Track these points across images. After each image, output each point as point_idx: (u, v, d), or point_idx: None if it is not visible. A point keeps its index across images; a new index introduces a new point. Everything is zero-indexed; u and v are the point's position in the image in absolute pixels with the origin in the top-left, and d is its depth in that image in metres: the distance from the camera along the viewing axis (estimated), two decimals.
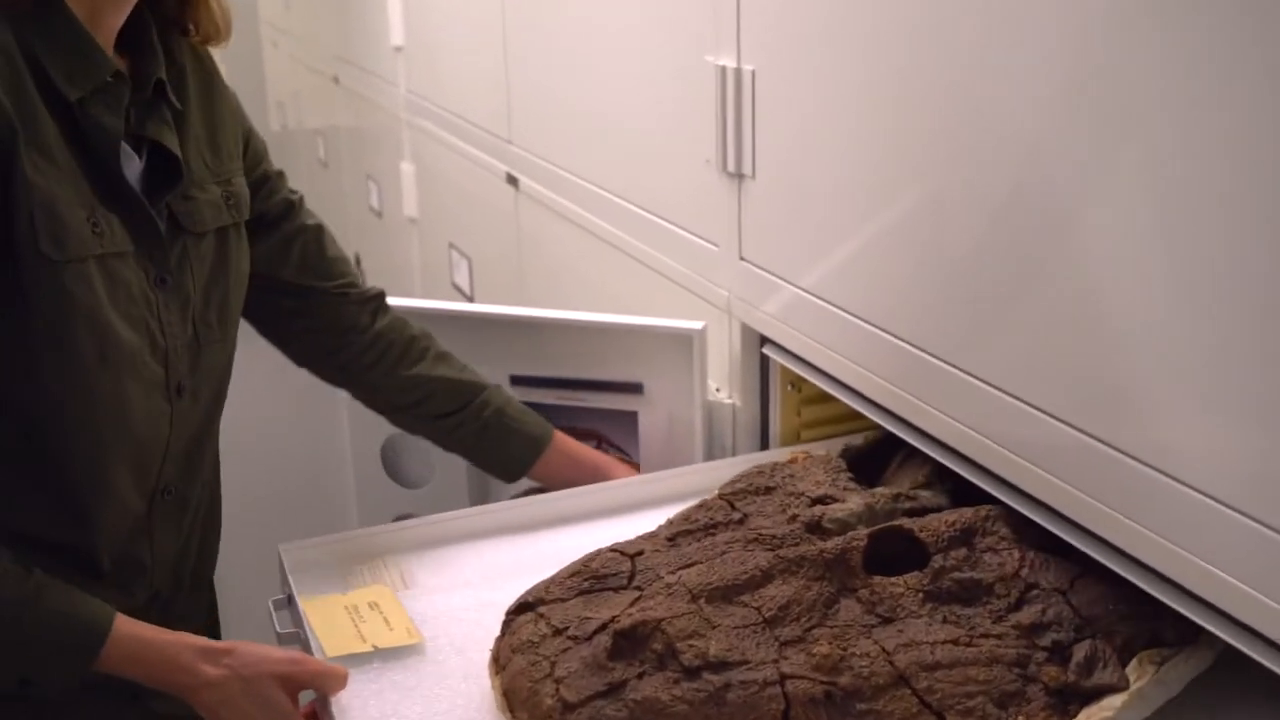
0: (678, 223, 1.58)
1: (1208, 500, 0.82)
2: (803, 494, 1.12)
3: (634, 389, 1.50)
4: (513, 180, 2.21)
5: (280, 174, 1.32)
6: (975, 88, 1.00)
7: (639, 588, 1.00)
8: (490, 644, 1.02)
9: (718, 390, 1.49)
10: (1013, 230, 0.98)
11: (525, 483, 1.48)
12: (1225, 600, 0.82)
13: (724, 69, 1.36)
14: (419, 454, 1.62)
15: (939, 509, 1.10)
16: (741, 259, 1.41)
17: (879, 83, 1.13)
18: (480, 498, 1.57)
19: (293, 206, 1.31)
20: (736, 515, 1.11)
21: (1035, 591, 0.97)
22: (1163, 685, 0.91)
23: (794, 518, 1.07)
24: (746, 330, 1.44)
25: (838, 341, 1.24)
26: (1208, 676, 0.95)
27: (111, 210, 1.04)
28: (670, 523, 1.12)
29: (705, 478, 1.33)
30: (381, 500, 1.66)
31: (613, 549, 1.06)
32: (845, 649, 0.92)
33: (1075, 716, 0.89)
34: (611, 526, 1.22)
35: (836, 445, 1.28)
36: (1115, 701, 0.88)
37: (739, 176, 1.38)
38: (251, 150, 1.26)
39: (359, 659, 1.05)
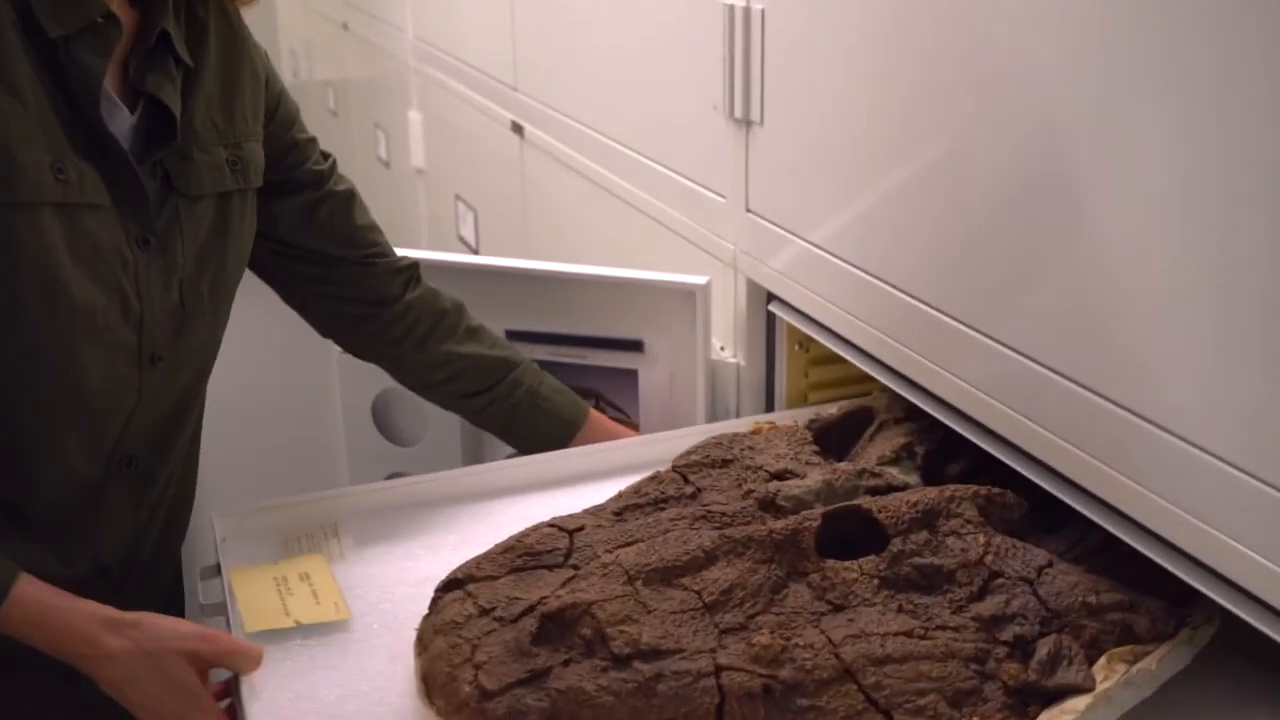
0: (683, 172, 1.51)
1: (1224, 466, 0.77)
2: (761, 468, 1.05)
3: (634, 346, 1.44)
4: (518, 129, 2.16)
5: (312, 141, 1.25)
6: (997, 30, 0.93)
7: (575, 566, 0.93)
8: None
9: (722, 349, 1.43)
10: (1034, 183, 0.92)
11: None
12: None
13: (732, 8, 1.29)
14: (412, 410, 1.56)
15: (905, 488, 1.03)
16: (748, 211, 1.34)
17: (896, 24, 1.05)
18: (474, 456, 1.52)
19: (322, 175, 1.25)
20: (689, 489, 1.04)
21: (1000, 580, 0.89)
22: (1132, 687, 0.83)
23: (748, 493, 1.00)
24: (752, 286, 1.37)
25: (848, 299, 1.17)
26: (1184, 680, 0.88)
27: (88, 160, 0.97)
28: (620, 496, 1.05)
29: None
30: (373, 458, 1.60)
31: (551, 523, 0.99)
32: (788, 639, 0.85)
33: (1035, 719, 0.82)
34: (595, 491, 1.15)
35: (807, 415, 1.20)
36: (1079, 704, 0.80)
37: (747, 123, 1.31)
38: (281, 115, 1.20)
39: (280, 635, 0.99)
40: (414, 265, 1.33)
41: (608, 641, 0.85)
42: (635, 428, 1.44)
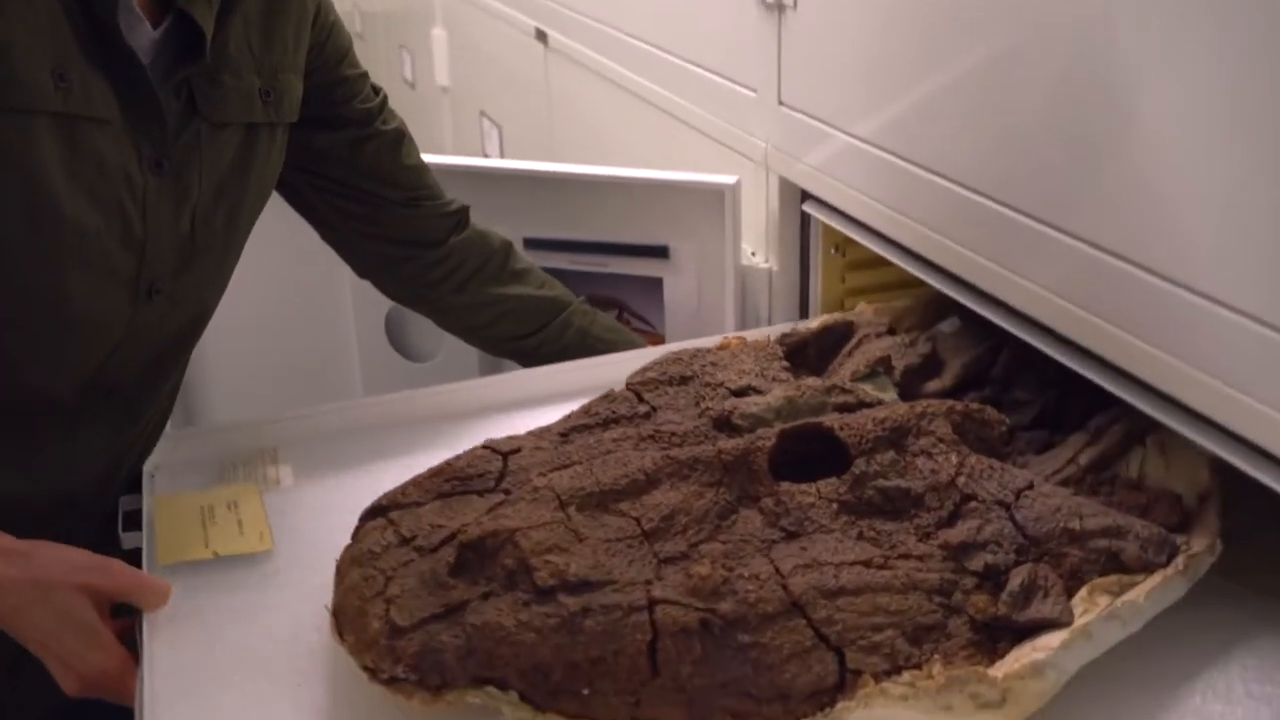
0: (711, 67, 1.42)
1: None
2: (722, 384, 0.96)
3: (659, 253, 1.37)
4: (542, 36, 2.10)
5: (363, 76, 1.18)
6: None
7: (506, 491, 0.85)
8: None
9: (752, 254, 1.34)
10: (1093, 64, 0.83)
11: None
12: None
13: None
14: (426, 326, 1.49)
15: (878, 404, 0.93)
16: (781, 104, 1.25)
17: None
18: (492, 372, 1.45)
19: (370, 112, 1.18)
20: (643, 409, 0.95)
21: (973, 504, 0.80)
22: (1116, 621, 0.74)
23: (704, 412, 0.91)
24: (785, 185, 1.28)
25: (894, 195, 1.08)
26: (1178, 614, 0.79)
27: (99, 71, 0.90)
28: (569, 416, 0.96)
29: None
30: (386, 374, 1.55)
31: (486, 445, 0.90)
32: (731, 569, 0.76)
33: (1003, 657, 0.73)
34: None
35: (781, 330, 1.11)
36: (1053, 640, 0.71)
37: (779, 7, 1.22)
38: (331, 49, 1.13)
39: (196, 568, 0.91)
40: (463, 210, 1.26)
41: (531, 572, 0.76)
42: (660, 339, 1.35)
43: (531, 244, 1.36)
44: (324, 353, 1.59)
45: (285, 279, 1.54)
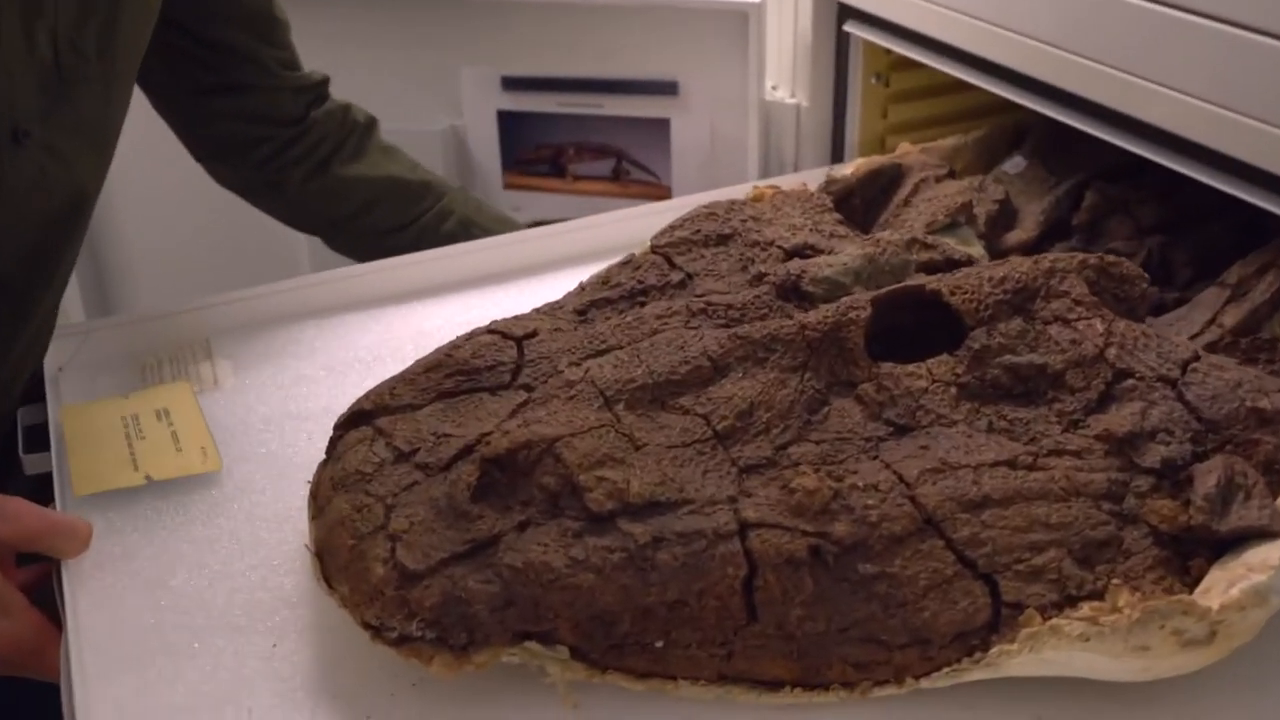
0: None
1: None
2: (773, 244, 0.77)
3: (666, 89, 1.19)
4: None
5: None
6: None
7: (528, 387, 0.66)
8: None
9: (775, 89, 1.14)
10: None
11: (527, 215, 1.16)
12: None
13: None
14: None
15: (969, 263, 0.76)
16: None
17: None
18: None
19: None
20: (677, 276, 0.76)
21: (1129, 382, 0.63)
22: None
23: (759, 278, 0.73)
24: (821, 2, 1.07)
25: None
26: None
27: None
28: (582, 288, 0.78)
29: None
30: None
31: (492, 329, 0.71)
32: (840, 479, 0.59)
33: (1197, 578, 0.57)
34: (554, 287, 0.87)
35: (817, 177, 0.92)
36: (1271, 555, 0.55)
37: None
38: None
39: (125, 498, 0.72)
40: (324, 82, 1.06)
41: (581, 494, 0.58)
42: (666, 192, 1.16)
43: (511, 84, 1.17)
44: (263, 223, 1.37)
45: None
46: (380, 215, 1.08)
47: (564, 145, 1.26)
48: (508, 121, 1.26)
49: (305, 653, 0.62)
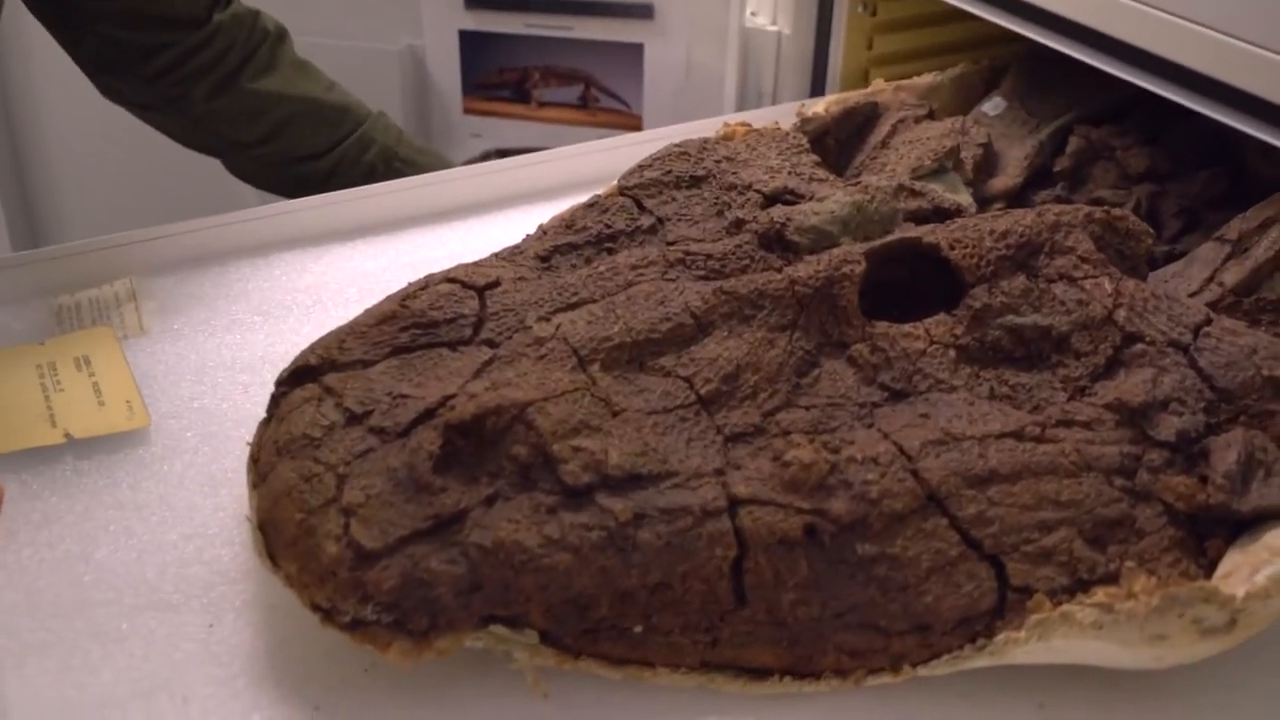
0: None
1: None
2: (750, 187, 0.72)
3: (641, 12, 1.13)
4: None
5: None
6: None
7: (491, 343, 0.61)
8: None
9: (755, 15, 1.08)
10: None
11: (488, 142, 1.08)
12: None
13: None
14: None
15: (959, 212, 0.71)
16: None
17: None
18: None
19: None
20: (647, 220, 0.71)
21: (1139, 346, 0.59)
22: None
23: (738, 224, 0.68)
24: None
25: None
26: None
27: None
28: (543, 232, 0.72)
29: None
30: None
31: (449, 276, 0.65)
32: (837, 451, 0.54)
33: (1214, 560, 0.54)
34: (510, 228, 0.82)
35: (788, 114, 0.87)
36: None
37: None
38: None
39: (41, 458, 0.65)
40: None
41: (555, 465, 0.53)
42: (637, 122, 1.10)
43: (475, 1, 1.09)
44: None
45: None
46: (292, 140, 1.00)
47: (529, 69, 1.20)
48: (470, 42, 1.19)
49: (245, 634, 0.57)
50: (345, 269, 0.83)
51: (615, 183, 0.74)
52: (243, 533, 0.60)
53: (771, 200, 0.71)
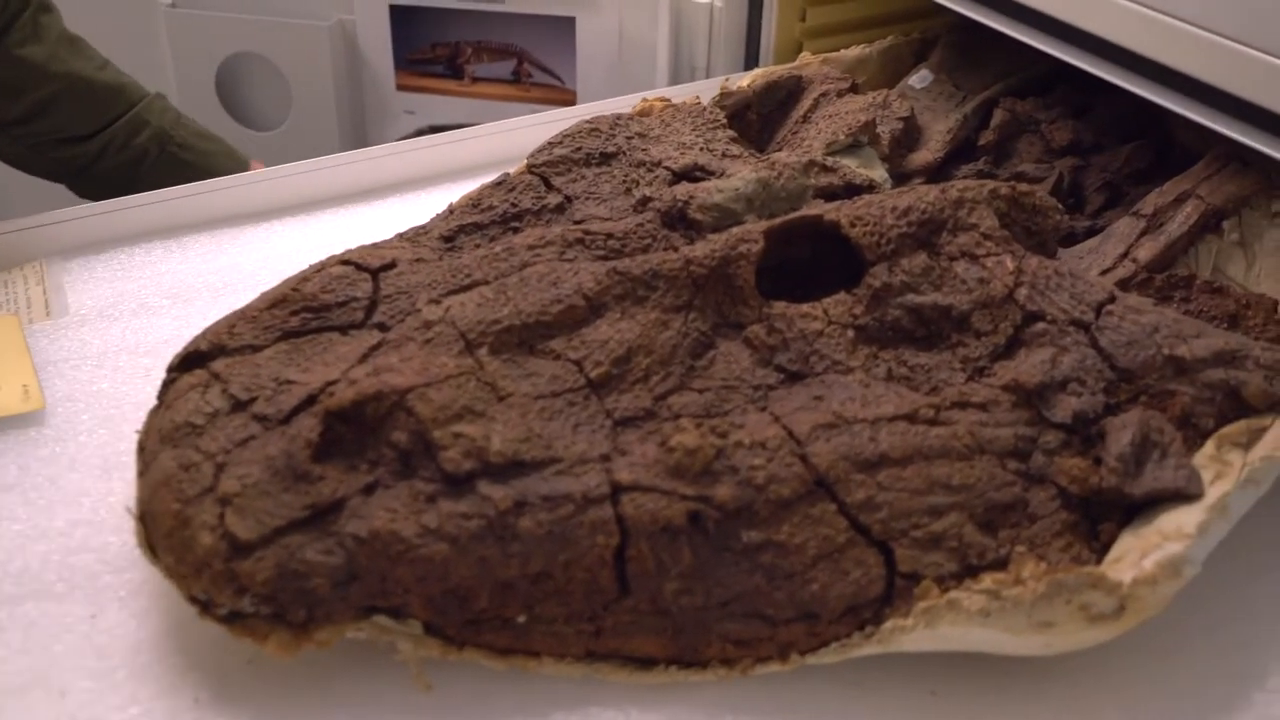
0: None
1: None
2: (659, 164, 0.71)
3: None
4: None
5: None
6: None
7: (381, 326, 0.60)
8: None
9: None
10: None
11: (421, 119, 1.06)
12: None
13: None
14: (270, 81, 1.18)
15: (871, 189, 0.70)
16: None
17: None
18: (358, 142, 1.16)
19: None
20: (554, 199, 0.69)
21: (1040, 325, 0.58)
22: (1252, 486, 0.54)
23: (644, 203, 0.67)
24: None
25: None
26: None
27: None
28: (450, 211, 0.71)
29: None
30: None
31: (344, 259, 0.64)
32: (724, 435, 0.53)
33: (1107, 544, 0.53)
34: (432, 207, 0.80)
35: (711, 88, 0.85)
36: (1186, 523, 0.51)
37: None
38: None
39: None
40: None
41: (436, 452, 0.52)
42: (571, 97, 1.08)
43: None
44: None
45: (72, 12, 1.20)
46: (59, 118, 0.94)
47: (461, 44, 1.18)
48: (401, 16, 1.17)
49: (129, 625, 0.55)
50: (259, 251, 0.82)
51: (524, 160, 0.73)
52: (117, 524, 0.59)
53: (681, 177, 0.70)
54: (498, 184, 0.71)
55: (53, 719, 0.51)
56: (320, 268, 0.63)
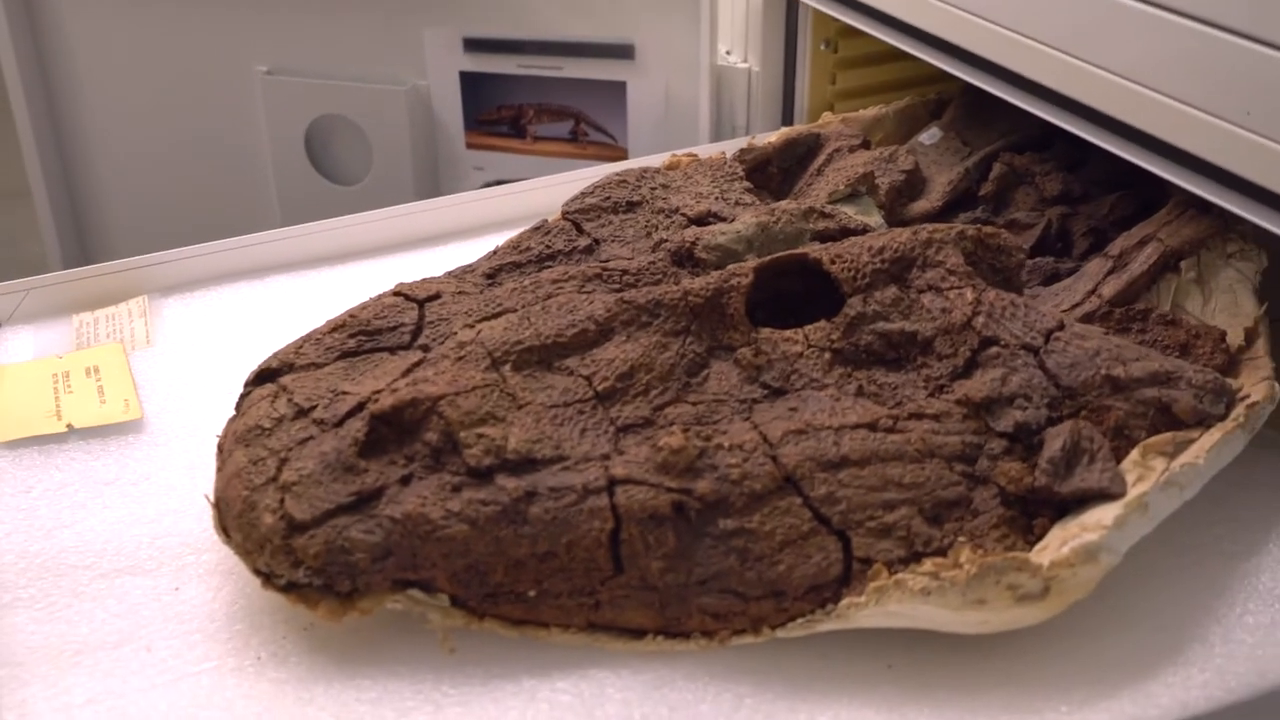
0: None
1: None
2: (678, 210, 0.80)
3: (622, 52, 1.22)
4: None
5: None
6: None
7: (424, 347, 0.69)
8: None
9: (729, 53, 1.18)
10: None
11: (489, 174, 1.18)
12: None
13: None
14: (354, 141, 1.30)
15: (864, 232, 0.79)
16: None
17: None
18: (432, 195, 1.28)
19: None
20: (584, 241, 0.79)
21: (994, 350, 0.66)
22: (1174, 488, 0.61)
23: (659, 245, 0.76)
24: None
25: None
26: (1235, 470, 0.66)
27: None
28: (495, 252, 0.81)
29: None
30: (306, 199, 1.37)
31: (397, 290, 0.74)
32: (708, 439, 0.62)
33: (1041, 536, 0.60)
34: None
35: (735, 145, 0.95)
36: (1104, 516, 0.59)
37: None
38: None
39: (45, 444, 0.75)
40: None
41: (460, 449, 0.62)
42: (622, 153, 1.19)
43: (472, 45, 1.19)
44: (234, 175, 1.39)
45: (183, 89, 1.32)
46: None
47: (524, 106, 1.29)
48: (470, 81, 1.29)
49: (206, 596, 0.65)
50: (335, 289, 0.92)
51: (560, 209, 0.83)
52: (198, 512, 0.69)
53: (695, 223, 0.79)
54: (536, 228, 0.81)
55: (140, 670, 0.61)
56: (376, 298, 0.73)
